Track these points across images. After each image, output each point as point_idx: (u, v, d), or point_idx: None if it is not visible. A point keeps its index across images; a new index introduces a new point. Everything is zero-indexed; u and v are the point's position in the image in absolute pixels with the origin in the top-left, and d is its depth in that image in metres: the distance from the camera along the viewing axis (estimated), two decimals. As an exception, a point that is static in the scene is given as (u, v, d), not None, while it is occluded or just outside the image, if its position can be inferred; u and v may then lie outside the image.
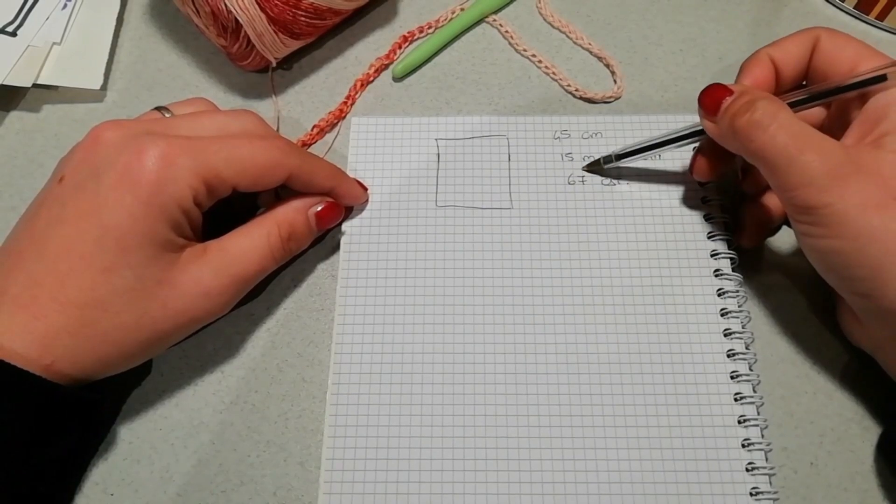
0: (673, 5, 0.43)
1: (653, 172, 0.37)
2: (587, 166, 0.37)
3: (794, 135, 0.28)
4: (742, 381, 0.32)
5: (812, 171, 0.27)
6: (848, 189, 0.27)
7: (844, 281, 0.29)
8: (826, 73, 0.31)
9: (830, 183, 0.27)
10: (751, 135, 0.29)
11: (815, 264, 0.30)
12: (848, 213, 0.27)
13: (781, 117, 0.28)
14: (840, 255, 0.28)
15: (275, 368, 0.34)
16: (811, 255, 0.30)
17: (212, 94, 0.40)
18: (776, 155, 0.28)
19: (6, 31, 0.40)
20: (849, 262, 0.28)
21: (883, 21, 0.42)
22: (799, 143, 0.28)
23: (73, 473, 0.31)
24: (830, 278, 0.29)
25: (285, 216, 0.32)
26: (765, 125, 0.28)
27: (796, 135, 0.28)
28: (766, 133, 0.28)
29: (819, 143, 0.28)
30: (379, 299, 0.34)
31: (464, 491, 0.30)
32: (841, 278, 0.29)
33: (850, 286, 0.29)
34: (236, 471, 0.32)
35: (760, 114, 0.29)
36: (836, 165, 0.27)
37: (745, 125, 0.29)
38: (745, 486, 0.30)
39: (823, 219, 0.28)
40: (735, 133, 0.30)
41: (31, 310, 0.27)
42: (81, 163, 0.29)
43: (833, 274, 0.29)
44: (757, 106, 0.29)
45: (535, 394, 0.32)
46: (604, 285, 0.34)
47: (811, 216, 0.28)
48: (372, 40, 0.42)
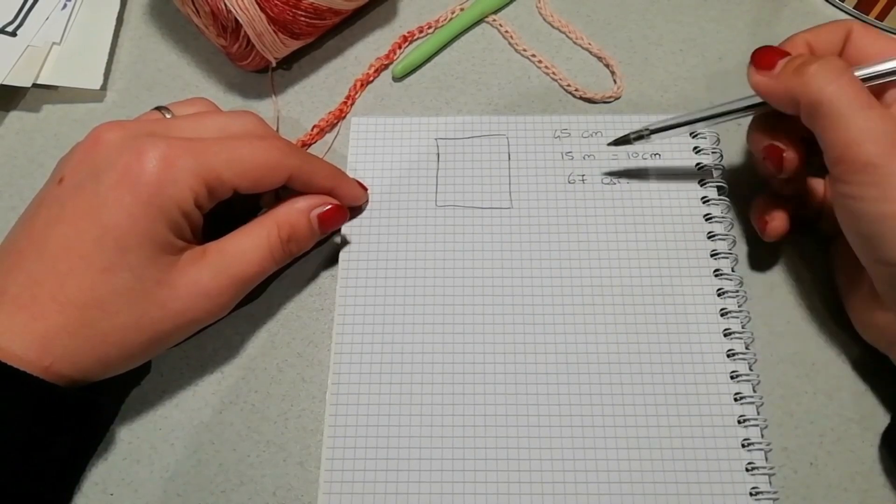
0: (673, 5, 0.43)
1: (653, 172, 0.37)
2: (614, 141, 0.37)
3: (860, 90, 0.28)
4: (742, 380, 0.32)
5: (877, 128, 0.27)
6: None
7: (882, 250, 0.28)
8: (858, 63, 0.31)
9: (893, 143, 0.27)
10: (818, 83, 0.28)
11: (851, 231, 0.29)
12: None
13: (850, 74, 0.29)
14: (887, 221, 0.27)
15: (275, 368, 0.34)
16: (851, 221, 0.29)
17: (212, 94, 0.40)
18: (842, 106, 0.28)
19: (6, 31, 0.40)
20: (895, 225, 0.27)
21: (883, 21, 0.42)
22: (865, 100, 0.28)
23: (73, 473, 0.31)
24: (864, 247, 0.29)
25: (286, 217, 0.32)
26: (835, 75, 0.28)
27: (863, 90, 0.28)
28: (834, 83, 0.28)
29: (879, 105, 0.28)
30: (379, 299, 0.34)
31: (464, 491, 0.30)
32: (881, 248, 0.28)
33: (889, 255, 0.28)
34: (236, 471, 0.32)
35: (833, 65, 0.29)
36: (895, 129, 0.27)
37: (815, 72, 0.29)
38: (745, 486, 0.30)
39: (880, 178, 0.27)
40: (803, 81, 0.29)
41: (30, 310, 0.27)
42: (81, 163, 0.29)
43: (873, 242, 0.28)
44: (828, 59, 0.29)
45: (535, 394, 0.32)
46: (604, 285, 0.34)
47: (866, 175, 0.27)
48: (372, 40, 0.42)
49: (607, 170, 0.37)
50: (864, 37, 0.31)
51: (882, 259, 0.28)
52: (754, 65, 0.31)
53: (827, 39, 0.32)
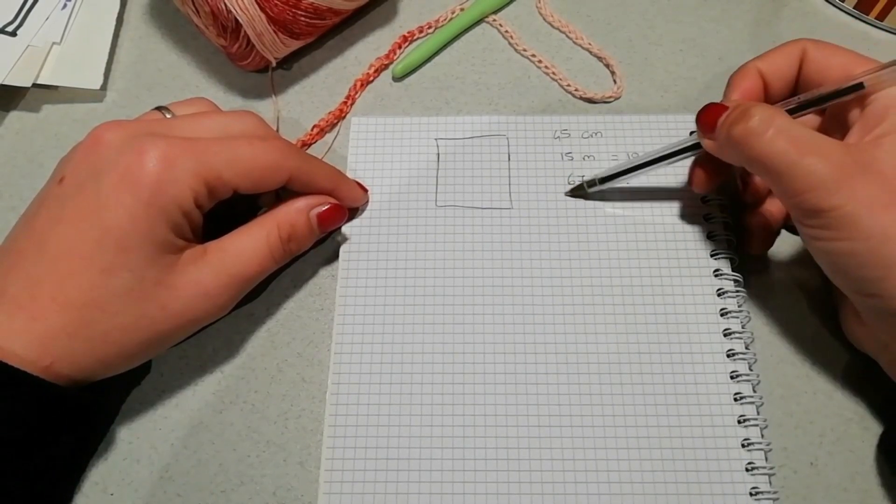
0: (673, 5, 0.43)
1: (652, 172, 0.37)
2: (570, 192, 0.36)
3: (792, 139, 0.28)
4: (742, 380, 0.32)
5: (817, 174, 0.27)
6: (856, 190, 0.27)
7: (854, 282, 0.28)
8: (817, 83, 0.31)
9: (837, 185, 0.27)
10: (749, 142, 0.28)
11: (824, 266, 0.29)
12: (858, 213, 0.26)
13: (778, 122, 0.28)
14: (851, 257, 0.27)
15: (275, 368, 0.34)
16: (820, 257, 0.29)
17: (212, 94, 0.40)
18: (777, 161, 0.28)
19: (6, 31, 0.40)
20: (860, 262, 0.27)
21: (883, 21, 0.42)
22: (799, 147, 0.27)
23: (73, 473, 0.31)
24: (839, 280, 0.29)
25: (286, 217, 0.32)
26: (761, 131, 0.28)
27: (795, 138, 0.28)
28: (763, 139, 0.28)
29: (820, 144, 0.28)
30: (379, 299, 0.34)
31: (464, 491, 0.30)
32: (850, 279, 0.28)
33: (860, 287, 0.28)
34: (236, 471, 0.32)
35: (756, 120, 0.28)
36: (840, 166, 0.27)
37: (742, 133, 0.29)
38: (745, 485, 0.30)
39: (833, 221, 0.27)
40: (733, 143, 0.29)
41: (30, 310, 0.27)
42: (82, 163, 0.29)
43: (842, 275, 0.29)
44: (752, 113, 0.29)
45: (535, 393, 0.32)
46: (603, 285, 0.34)
47: (820, 219, 0.27)
48: (372, 40, 0.42)
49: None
50: (819, 53, 0.31)
51: (853, 289, 0.29)
52: (700, 128, 0.31)
53: (779, 65, 0.32)
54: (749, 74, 0.32)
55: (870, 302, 0.28)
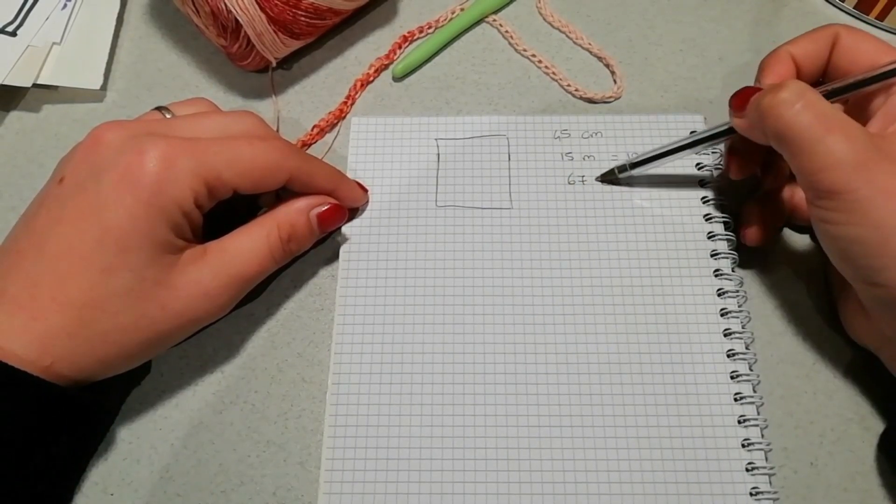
0: (673, 5, 0.43)
1: (653, 172, 0.37)
2: (601, 176, 0.37)
3: (820, 114, 0.27)
4: (742, 380, 0.32)
5: (838, 152, 0.27)
6: (875, 175, 0.26)
7: (860, 270, 0.28)
8: (846, 69, 0.31)
9: (856, 167, 0.26)
10: (776, 112, 0.28)
11: (830, 252, 0.29)
12: (873, 199, 0.26)
13: (808, 96, 0.28)
14: (860, 244, 0.27)
15: (275, 368, 0.34)
16: (829, 242, 0.29)
17: (212, 94, 0.40)
18: (802, 134, 0.27)
19: (6, 31, 0.40)
20: (868, 251, 0.27)
21: (883, 21, 0.42)
22: (826, 123, 0.27)
23: (73, 473, 0.31)
24: (845, 267, 0.29)
25: (286, 217, 0.32)
26: (791, 102, 0.28)
27: (823, 114, 0.27)
28: (791, 110, 0.28)
29: (846, 125, 0.27)
30: (379, 299, 0.34)
31: (464, 491, 0.30)
32: (857, 267, 0.28)
33: (866, 276, 0.28)
34: (236, 471, 0.32)
35: (787, 93, 0.28)
36: (862, 150, 0.27)
37: (771, 103, 0.28)
38: (745, 486, 0.30)
39: (847, 205, 0.27)
40: (762, 115, 0.29)
41: (30, 310, 0.27)
42: (82, 163, 0.29)
43: (849, 263, 0.28)
44: (784, 85, 0.28)
45: (535, 394, 0.32)
46: (604, 285, 0.34)
47: (834, 201, 0.27)
48: (372, 40, 0.42)
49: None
50: (851, 40, 0.31)
51: (858, 277, 0.29)
52: (732, 109, 0.31)
53: (811, 49, 0.32)
54: (782, 59, 0.32)
55: (874, 292, 0.28)
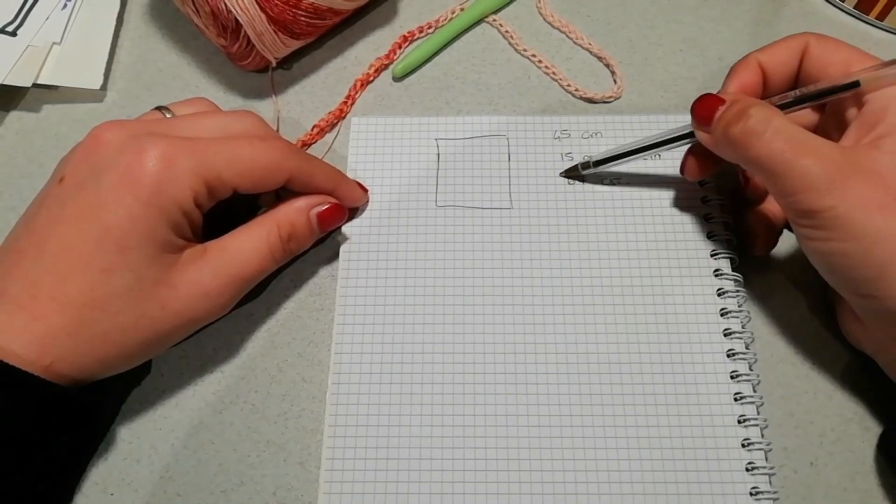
0: (673, 5, 0.43)
1: (652, 172, 0.37)
2: (564, 172, 0.37)
3: (789, 139, 0.28)
4: (742, 380, 0.32)
5: (811, 174, 0.27)
6: (849, 191, 0.27)
7: (849, 282, 0.29)
8: (817, 77, 0.31)
9: (831, 186, 0.27)
10: (746, 143, 0.29)
11: (818, 267, 0.30)
12: (851, 214, 0.27)
13: (776, 123, 0.28)
14: (844, 257, 0.28)
15: (275, 368, 0.34)
16: (814, 258, 0.29)
17: (212, 94, 0.40)
18: (773, 161, 0.28)
19: (6, 31, 0.40)
20: (853, 263, 0.27)
21: (883, 21, 0.42)
22: (795, 148, 0.28)
23: (73, 473, 0.31)
24: (834, 280, 0.29)
25: (286, 216, 0.32)
26: (759, 132, 0.28)
27: (792, 139, 0.28)
28: (760, 140, 0.28)
29: (816, 146, 0.28)
30: (379, 299, 0.34)
31: (464, 491, 0.30)
32: (845, 280, 0.29)
33: (855, 287, 0.28)
34: (236, 471, 0.32)
35: (754, 121, 0.28)
36: (835, 168, 0.27)
37: (740, 134, 0.29)
38: (745, 485, 0.30)
39: (826, 222, 0.27)
40: (730, 142, 0.29)
41: (30, 310, 0.27)
42: (82, 163, 0.29)
43: (837, 276, 0.29)
44: (750, 113, 0.29)
45: (535, 393, 0.32)
46: (604, 285, 0.34)
47: (813, 220, 0.28)
48: (372, 40, 0.42)
49: (607, 170, 0.37)
50: (821, 48, 0.31)
51: (847, 289, 0.29)
52: (695, 119, 0.31)
53: (780, 57, 0.32)
54: (749, 66, 0.32)
55: (864, 302, 0.29)
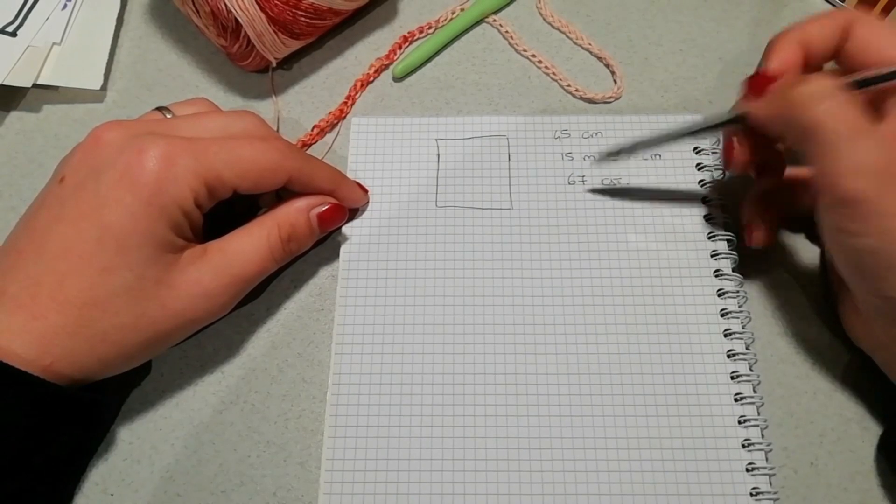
0: (673, 5, 0.43)
1: (653, 173, 0.37)
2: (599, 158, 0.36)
3: (851, 116, 0.26)
4: (742, 381, 0.32)
5: (865, 159, 0.26)
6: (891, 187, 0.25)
7: (871, 282, 0.27)
8: (862, 62, 0.29)
9: (881, 177, 0.25)
10: (806, 106, 0.27)
11: (840, 260, 0.28)
12: (886, 213, 0.25)
13: (840, 96, 0.27)
14: (874, 256, 0.26)
15: (275, 368, 0.34)
16: (839, 251, 0.28)
17: (212, 94, 0.40)
18: (829, 133, 0.26)
19: (6, 31, 0.40)
20: (883, 263, 0.26)
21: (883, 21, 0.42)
22: (856, 126, 0.26)
23: (73, 473, 0.31)
24: (855, 277, 0.28)
25: (286, 217, 0.32)
26: (822, 98, 0.27)
27: (854, 116, 0.26)
28: (821, 106, 0.26)
29: (874, 132, 0.26)
30: (379, 300, 0.34)
31: (464, 491, 0.30)
32: (868, 278, 0.27)
33: (877, 288, 0.27)
34: (236, 471, 0.32)
35: (820, 87, 0.27)
36: (888, 160, 0.25)
37: (801, 96, 0.27)
38: (746, 486, 0.30)
39: (866, 215, 0.26)
40: (789, 105, 0.28)
41: (30, 310, 0.27)
42: (82, 163, 0.29)
43: (860, 274, 0.28)
44: (813, 79, 0.27)
45: (535, 394, 0.32)
46: (604, 285, 0.34)
47: (851, 209, 0.26)
48: (372, 40, 0.42)
49: (608, 170, 0.37)
50: (869, 32, 0.29)
51: (865, 288, 0.28)
52: (748, 91, 0.30)
53: (820, 36, 0.30)
54: (790, 44, 0.30)
55: (878, 303, 0.28)
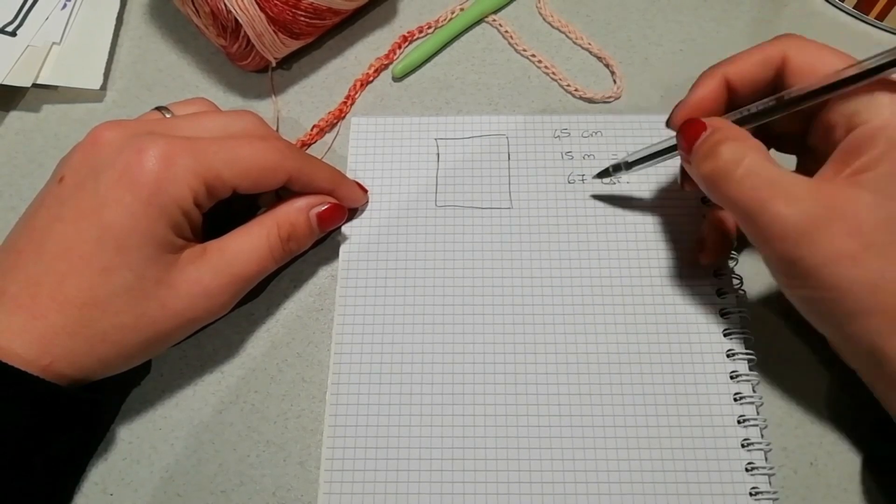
0: (673, 5, 0.43)
1: (652, 171, 0.37)
2: (597, 175, 0.36)
3: (761, 183, 0.27)
4: (742, 380, 0.32)
5: (781, 223, 0.26)
6: (820, 242, 0.26)
7: (821, 326, 0.28)
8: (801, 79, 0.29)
9: (801, 236, 0.26)
10: (717, 184, 0.28)
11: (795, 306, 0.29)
12: (822, 267, 0.26)
13: (747, 162, 0.27)
14: (815, 304, 0.28)
15: (275, 368, 0.34)
16: (791, 299, 0.29)
17: (212, 94, 0.40)
18: (743, 205, 0.27)
19: (6, 31, 0.40)
20: (824, 310, 0.27)
21: (883, 21, 0.42)
22: (766, 192, 0.26)
23: (73, 473, 0.31)
24: (811, 319, 0.29)
25: (286, 216, 0.32)
26: (729, 173, 0.27)
27: (764, 182, 0.27)
28: (730, 182, 0.27)
29: (789, 188, 0.26)
30: (379, 299, 0.34)
31: (464, 491, 0.30)
32: (820, 323, 0.28)
33: (828, 332, 0.29)
34: (236, 471, 0.32)
35: (723, 162, 0.27)
36: (806, 216, 0.26)
37: (711, 173, 0.28)
38: (745, 486, 0.30)
39: (798, 271, 0.27)
40: (703, 182, 0.29)
41: (29, 309, 0.27)
42: (81, 162, 0.29)
43: (813, 320, 0.29)
44: (720, 152, 0.27)
45: (535, 394, 0.32)
46: (603, 285, 0.34)
47: (786, 267, 0.27)
48: (372, 40, 0.42)
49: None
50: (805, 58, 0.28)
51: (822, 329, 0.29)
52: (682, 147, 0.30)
53: (744, 71, 0.30)
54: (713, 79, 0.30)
55: (839, 343, 0.29)
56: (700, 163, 0.28)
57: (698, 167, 0.29)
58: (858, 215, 0.26)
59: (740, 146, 0.28)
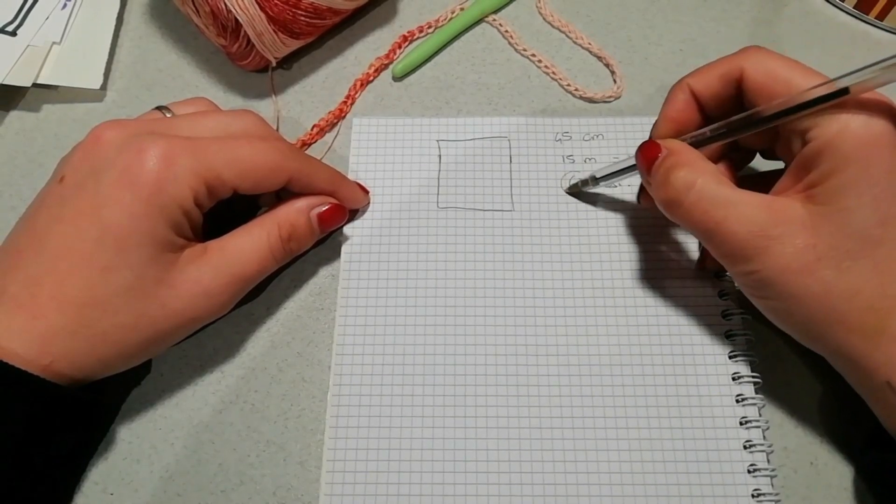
0: (673, 5, 0.43)
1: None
2: (568, 189, 0.37)
3: (712, 205, 0.28)
4: (743, 382, 0.32)
5: (732, 241, 0.27)
6: (771, 255, 0.27)
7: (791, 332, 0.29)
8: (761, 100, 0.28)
9: (753, 251, 0.27)
10: (671, 209, 0.29)
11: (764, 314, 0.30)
12: (773, 279, 0.27)
13: (698, 186, 0.28)
14: (773, 312, 0.29)
15: (275, 368, 0.34)
16: (758, 308, 0.30)
17: (212, 94, 0.40)
18: (698, 227, 0.28)
19: (6, 30, 0.40)
20: (781, 319, 0.29)
21: (883, 21, 0.42)
22: (720, 213, 0.28)
23: (73, 473, 0.31)
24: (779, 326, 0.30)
25: (286, 216, 0.32)
26: (680, 200, 0.28)
27: (714, 205, 0.28)
28: (682, 207, 0.28)
29: (740, 207, 0.27)
30: (380, 300, 0.34)
31: (465, 492, 0.30)
32: (787, 330, 0.29)
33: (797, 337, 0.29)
34: (236, 471, 0.31)
35: (674, 189, 0.29)
36: (757, 231, 0.27)
37: (664, 200, 0.29)
38: (747, 487, 0.30)
39: (754, 283, 0.28)
40: (659, 205, 0.30)
41: (30, 309, 0.27)
42: (82, 162, 0.29)
43: (779, 325, 0.30)
44: (671, 180, 0.29)
45: (536, 395, 0.32)
46: (605, 287, 0.34)
47: (743, 279, 0.29)
48: (372, 40, 0.42)
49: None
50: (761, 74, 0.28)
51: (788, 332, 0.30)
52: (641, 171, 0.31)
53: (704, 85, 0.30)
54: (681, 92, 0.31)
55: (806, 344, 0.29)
56: (656, 189, 0.30)
57: (655, 193, 0.30)
58: (808, 229, 0.26)
59: (690, 171, 0.29)
